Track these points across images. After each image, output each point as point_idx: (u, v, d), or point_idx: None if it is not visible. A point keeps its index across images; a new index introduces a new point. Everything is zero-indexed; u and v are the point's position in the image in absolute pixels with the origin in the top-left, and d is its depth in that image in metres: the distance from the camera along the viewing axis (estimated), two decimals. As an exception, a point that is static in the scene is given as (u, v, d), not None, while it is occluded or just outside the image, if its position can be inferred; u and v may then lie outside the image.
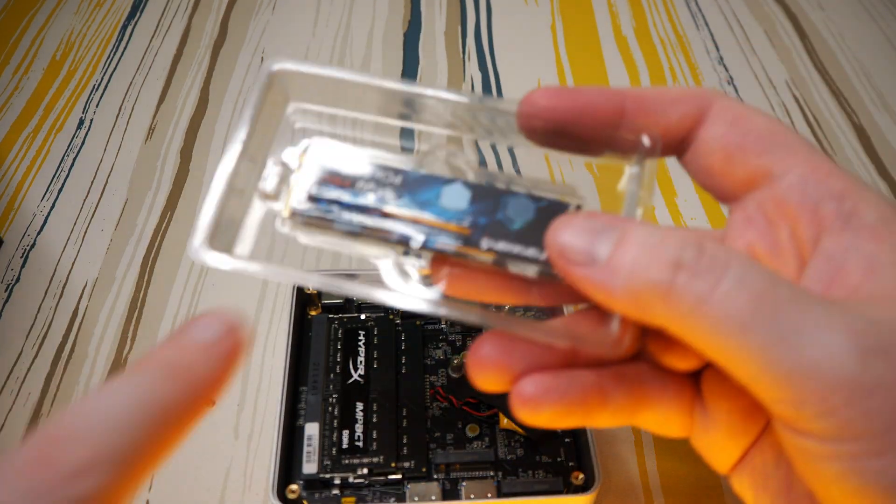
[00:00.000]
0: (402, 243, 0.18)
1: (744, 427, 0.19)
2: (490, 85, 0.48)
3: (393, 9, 0.55)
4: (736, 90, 0.48)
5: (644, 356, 0.21)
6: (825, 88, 0.48)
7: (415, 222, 0.18)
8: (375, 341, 0.31)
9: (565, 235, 0.17)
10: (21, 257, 0.39)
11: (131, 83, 0.49)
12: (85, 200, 0.42)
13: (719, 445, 0.20)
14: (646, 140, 0.19)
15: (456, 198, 0.19)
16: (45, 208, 0.42)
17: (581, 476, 0.27)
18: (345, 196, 0.19)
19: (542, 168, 0.21)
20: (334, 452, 0.28)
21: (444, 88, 0.19)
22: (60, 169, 0.44)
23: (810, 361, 0.15)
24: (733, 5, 0.55)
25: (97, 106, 0.48)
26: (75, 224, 0.41)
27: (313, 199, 0.19)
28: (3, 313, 0.36)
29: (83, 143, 0.45)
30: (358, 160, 0.19)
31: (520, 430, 0.28)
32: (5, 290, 0.37)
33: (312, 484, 0.27)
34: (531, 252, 0.18)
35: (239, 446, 0.31)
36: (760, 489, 0.20)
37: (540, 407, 0.19)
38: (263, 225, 0.19)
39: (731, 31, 0.52)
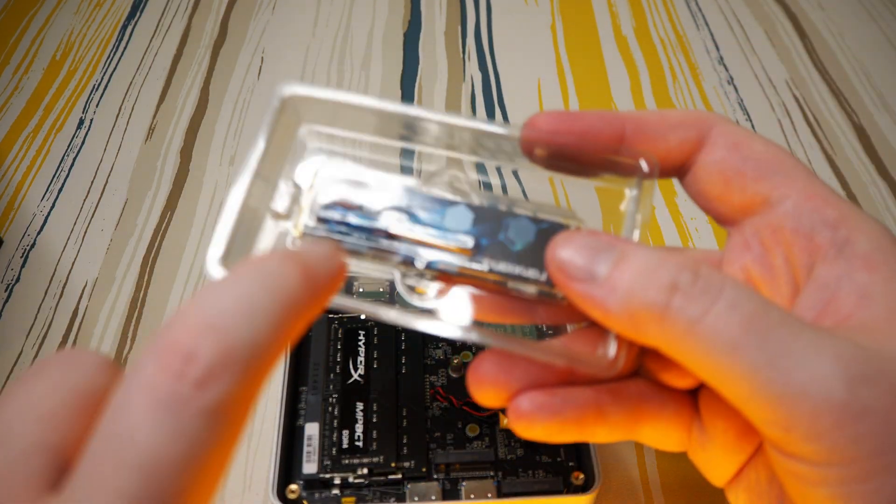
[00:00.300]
0: (407, 263, 0.19)
1: (739, 445, 0.20)
2: (490, 85, 0.48)
3: (393, 9, 0.55)
4: (736, 90, 0.48)
5: (642, 373, 0.21)
6: (825, 88, 0.48)
7: (419, 243, 0.19)
8: (375, 341, 0.31)
9: (566, 252, 0.17)
10: (21, 257, 0.39)
11: (131, 83, 0.49)
12: (85, 200, 0.42)
13: (715, 461, 0.20)
14: (644, 165, 0.19)
15: (459, 219, 0.19)
16: (45, 208, 0.42)
17: (581, 476, 0.27)
18: (353, 218, 0.19)
19: (546, 189, 0.22)
20: (334, 452, 0.28)
21: (449, 113, 0.20)
22: (60, 169, 0.44)
23: (799, 385, 0.15)
24: (733, 5, 0.55)
25: (97, 106, 0.48)
26: (75, 224, 0.41)
27: (322, 220, 0.19)
28: (3, 313, 0.36)
29: (83, 143, 0.45)
30: (366, 181, 0.20)
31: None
32: (5, 290, 0.37)
33: (312, 484, 0.27)
34: (531, 273, 0.19)
35: (239, 446, 0.31)
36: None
37: (534, 422, 0.19)
38: (277, 244, 0.20)
39: (731, 31, 0.52)
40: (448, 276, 0.19)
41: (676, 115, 0.20)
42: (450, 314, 0.19)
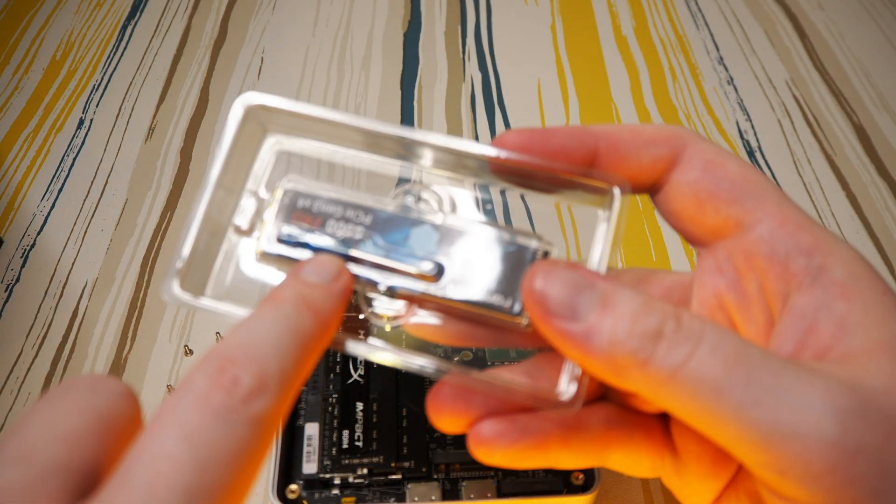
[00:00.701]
0: (370, 285, 0.19)
1: (715, 471, 0.19)
2: (490, 85, 0.48)
3: (393, 9, 0.55)
4: (736, 90, 0.48)
5: (609, 397, 0.21)
6: (825, 88, 0.48)
7: (381, 267, 0.19)
8: (375, 341, 0.31)
9: (547, 285, 0.17)
10: (21, 257, 0.39)
11: (131, 83, 0.49)
12: (85, 200, 0.42)
13: (691, 488, 0.20)
14: (617, 191, 0.19)
15: (424, 240, 0.19)
16: (45, 208, 0.42)
17: (581, 476, 0.27)
18: (313, 238, 0.19)
19: (550, 209, 0.21)
20: (334, 452, 0.28)
21: (416, 130, 0.19)
22: (60, 169, 0.44)
23: (787, 424, 0.15)
24: (733, 5, 0.55)
25: (97, 106, 0.48)
26: (75, 224, 0.41)
27: (282, 241, 0.19)
28: (3, 313, 0.36)
29: (83, 143, 0.45)
30: (329, 197, 0.19)
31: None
32: (5, 290, 0.37)
33: (312, 484, 0.27)
34: (496, 299, 0.18)
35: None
36: None
37: (494, 450, 0.19)
38: (237, 259, 0.20)
39: (731, 31, 0.52)
40: (412, 298, 0.19)
41: (650, 132, 0.19)
42: (404, 349, 0.19)
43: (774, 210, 0.18)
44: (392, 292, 0.19)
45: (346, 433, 0.28)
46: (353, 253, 0.19)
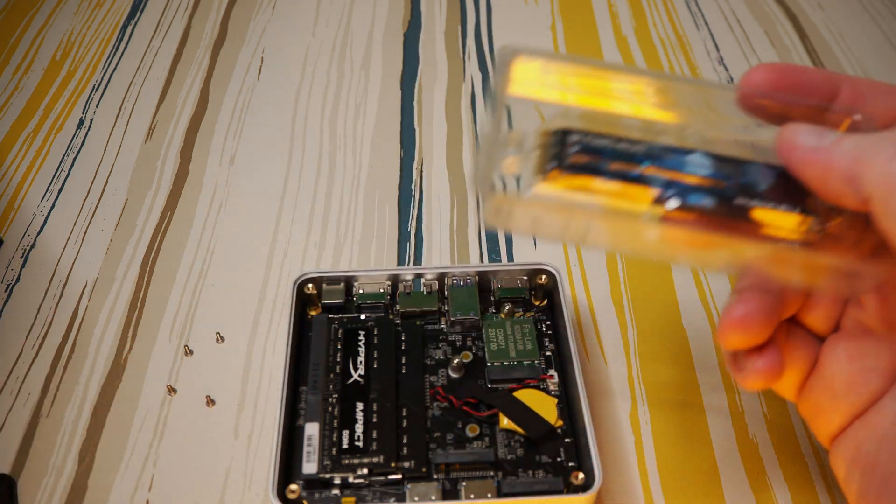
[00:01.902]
0: (660, 200, 0.20)
1: (852, 390, 0.22)
2: (490, 84, 0.48)
3: (393, 9, 0.55)
4: (736, 90, 0.48)
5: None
6: (825, 88, 0.48)
7: (672, 178, 0.20)
8: (375, 341, 0.31)
9: (798, 133, 0.20)
10: (21, 257, 0.39)
11: (131, 83, 0.49)
12: (85, 200, 0.42)
13: (825, 410, 0.23)
14: (858, 117, 0.20)
15: (699, 165, 0.20)
16: (45, 208, 0.42)
17: (581, 476, 0.27)
18: (603, 160, 0.20)
19: None
20: (334, 452, 0.28)
21: (671, 75, 0.21)
22: (60, 169, 0.44)
23: None
24: (733, 5, 0.55)
25: (97, 106, 0.48)
26: (75, 224, 0.41)
27: (584, 150, 0.20)
28: (3, 313, 0.36)
29: (83, 142, 0.45)
30: (606, 134, 0.20)
31: (520, 430, 0.28)
32: (5, 290, 0.37)
33: (312, 484, 0.27)
34: (783, 208, 0.20)
35: (239, 446, 0.31)
36: (853, 465, 0.22)
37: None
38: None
39: (731, 31, 0.52)
40: (697, 215, 0.20)
41: (887, 85, 0.22)
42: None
43: None
44: (685, 203, 0.20)
45: (346, 433, 0.28)
46: (644, 168, 0.20)
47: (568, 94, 0.21)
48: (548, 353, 0.31)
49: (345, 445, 0.28)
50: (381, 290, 0.33)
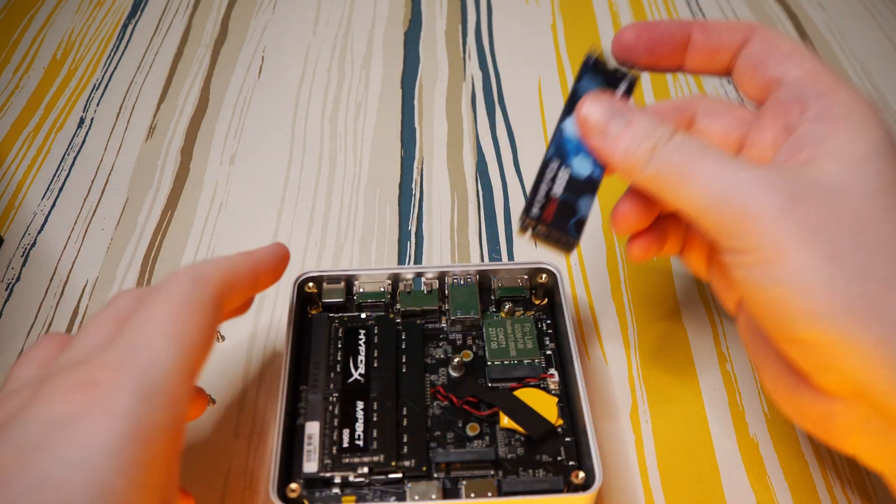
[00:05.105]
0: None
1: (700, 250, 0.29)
2: (490, 84, 0.48)
3: (393, 8, 0.55)
4: (736, 89, 0.48)
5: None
6: (826, 88, 0.48)
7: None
8: (376, 340, 0.31)
9: (591, 110, 0.25)
10: (22, 256, 0.39)
11: (132, 82, 0.49)
12: (85, 200, 0.42)
13: (723, 278, 0.27)
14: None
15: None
16: (46, 207, 0.42)
17: (581, 475, 0.27)
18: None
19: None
20: (335, 451, 0.28)
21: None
22: (61, 168, 0.44)
23: (723, 192, 0.21)
24: (733, 5, 0.55)
25: (97, 105, 0.48)
26: (76, 223, 0.41)
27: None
28: (3, 312, 0.36)
29: (83, 142, 0.45)
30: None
31: (520, 429, 0.28)
32: (6, 290, 0.37)
33: (313, 483, 0.27)
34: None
35: (239, 445, 0.31)
36: (748, 324, 0.26)
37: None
38: None
39: (731, 30, 0.52)
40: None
41: (731, 21, 0.27)
42: None
43: (808, 68, 0.24)
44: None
45: (346, 432, 0.28)
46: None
47: None
48: (548, 352, 0.31)
49: (345, 444, 0.28)
50: (382, 289, 0.33)
